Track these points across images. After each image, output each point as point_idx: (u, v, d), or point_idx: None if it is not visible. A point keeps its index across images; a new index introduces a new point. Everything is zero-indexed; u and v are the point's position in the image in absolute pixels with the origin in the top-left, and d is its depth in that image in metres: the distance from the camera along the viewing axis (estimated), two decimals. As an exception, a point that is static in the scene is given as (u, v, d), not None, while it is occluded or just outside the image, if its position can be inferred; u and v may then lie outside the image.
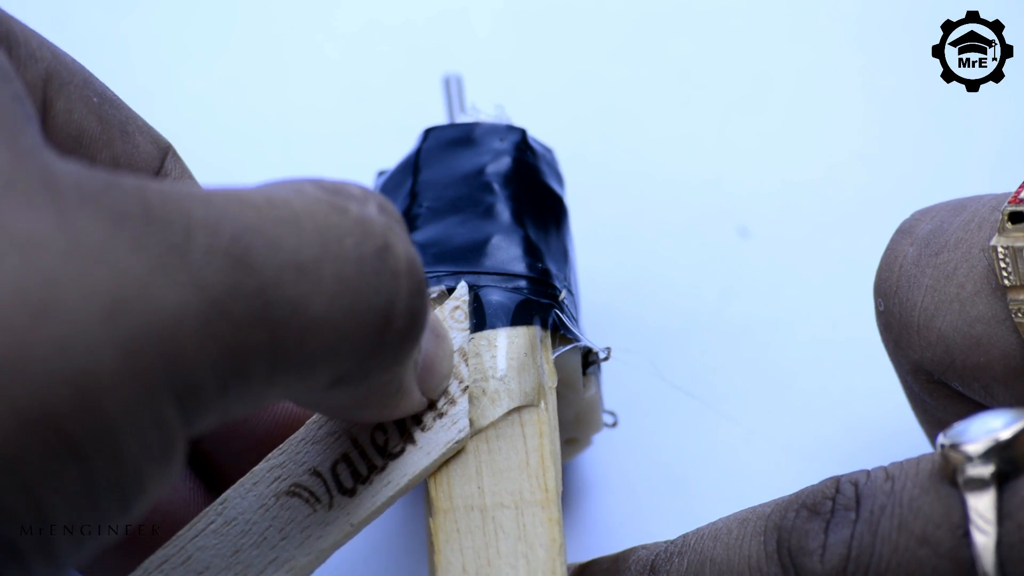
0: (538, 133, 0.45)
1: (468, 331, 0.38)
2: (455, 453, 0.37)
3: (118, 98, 0.37)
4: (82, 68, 0.36)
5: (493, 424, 0.37)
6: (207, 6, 0.61)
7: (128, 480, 0.26)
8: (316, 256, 0.29)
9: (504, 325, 0.38)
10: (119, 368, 0.25)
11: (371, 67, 0.59)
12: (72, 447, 0.25)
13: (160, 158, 0.38)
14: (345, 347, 0.29)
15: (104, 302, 0.25)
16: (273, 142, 0.56)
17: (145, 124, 0.38)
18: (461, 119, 0.44)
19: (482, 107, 0.44)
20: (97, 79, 0.37)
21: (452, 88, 0.46)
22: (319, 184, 0.30)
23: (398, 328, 0.31)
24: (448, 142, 0.42)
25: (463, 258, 0.39)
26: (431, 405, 0.37)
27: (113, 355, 0.25)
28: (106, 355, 0.25)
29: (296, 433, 0.37)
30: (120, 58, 0.59)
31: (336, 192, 0.30)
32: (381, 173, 0.44)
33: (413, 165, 0.42)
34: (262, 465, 0.36)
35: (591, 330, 0.43)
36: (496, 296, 0.39)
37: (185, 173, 0.39)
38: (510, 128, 0.42)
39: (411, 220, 0.41)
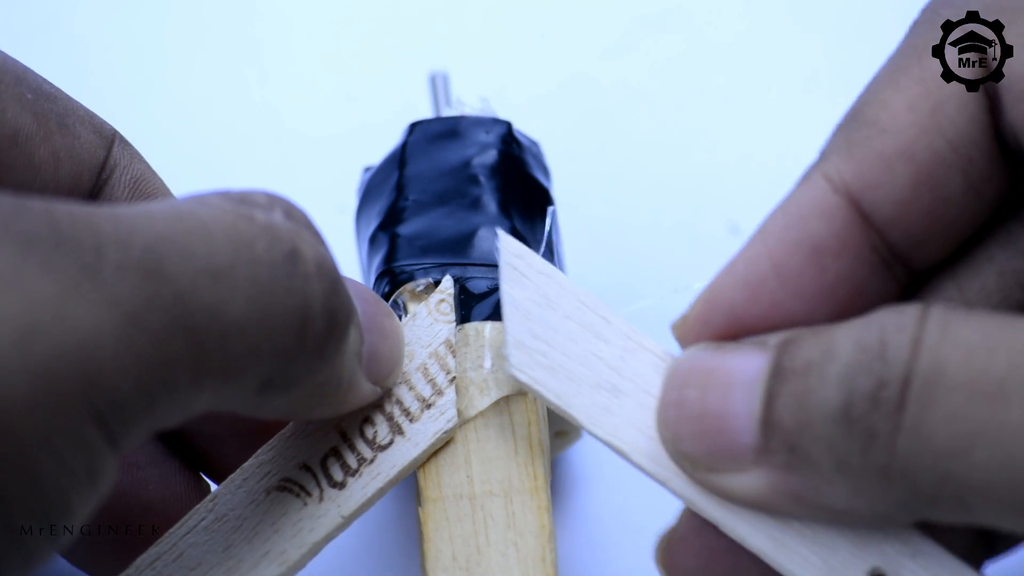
0: (528, 131, 0.45)
1: (454, 323, 0.38)
2: (444, 443, 0.37)
3: (57, 90, 0.37)
4: (15, 64, 0.36)
5: (481, 414, 0.37)
6: (197, 2, 0.61)
7: (51, 505, 0.27)
8: (229, 262, 0.29)
9: (491, 316, 0.38)
10: (32, 394, 0.26)
11: (357, 64, 0.59)
12: None
13: (105, 147, 0.38)
14: (266, 348, 0.30)
15: (15, 329, 0.25)
16: (259, 140, 0.57)
17: (87, 114, 0.38)
18: (447, 113, 0.44)
19: (467, 100, 0.44)
20: (32, 73, 0.37)
21: (439, 85, 0.46)
22: (224, 195, 0.31)
23: (318, 328, 0.31)
24: (434, 136, 0.42)
25: (450, 250, 0.40)
26: (420, 398, 0.37)
27: (26, 382, 0.25)
28: (18, 382, 0.25)
29: (284, 429, 0.37)
30: (114, 56, 0.59)
31: (241, 201, 0.31)
32: (367, 169, 0.44)
33: (399, 159, 0.42)
34: (251, 461, 0.36)
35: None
36: (483, 287, 0.39)
37: (135, 159, 0.38)
38: (495, 121, 0.42)
39: (398, 213, 0.41)
